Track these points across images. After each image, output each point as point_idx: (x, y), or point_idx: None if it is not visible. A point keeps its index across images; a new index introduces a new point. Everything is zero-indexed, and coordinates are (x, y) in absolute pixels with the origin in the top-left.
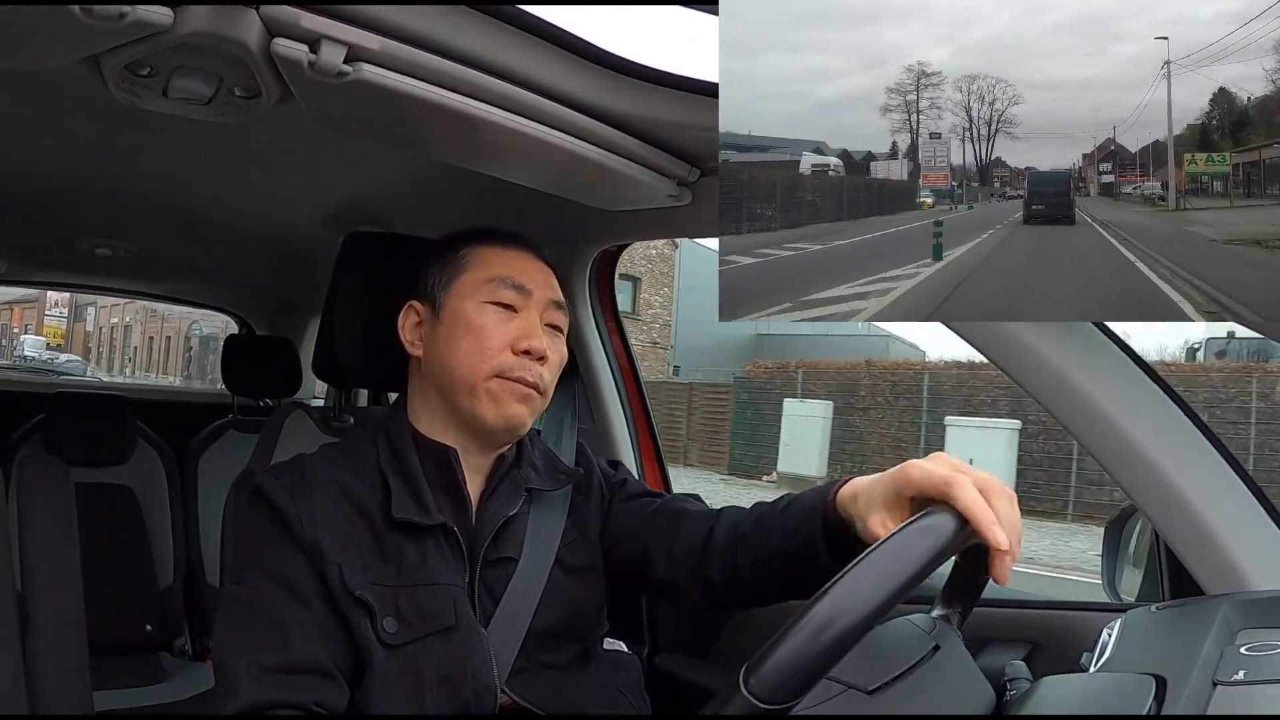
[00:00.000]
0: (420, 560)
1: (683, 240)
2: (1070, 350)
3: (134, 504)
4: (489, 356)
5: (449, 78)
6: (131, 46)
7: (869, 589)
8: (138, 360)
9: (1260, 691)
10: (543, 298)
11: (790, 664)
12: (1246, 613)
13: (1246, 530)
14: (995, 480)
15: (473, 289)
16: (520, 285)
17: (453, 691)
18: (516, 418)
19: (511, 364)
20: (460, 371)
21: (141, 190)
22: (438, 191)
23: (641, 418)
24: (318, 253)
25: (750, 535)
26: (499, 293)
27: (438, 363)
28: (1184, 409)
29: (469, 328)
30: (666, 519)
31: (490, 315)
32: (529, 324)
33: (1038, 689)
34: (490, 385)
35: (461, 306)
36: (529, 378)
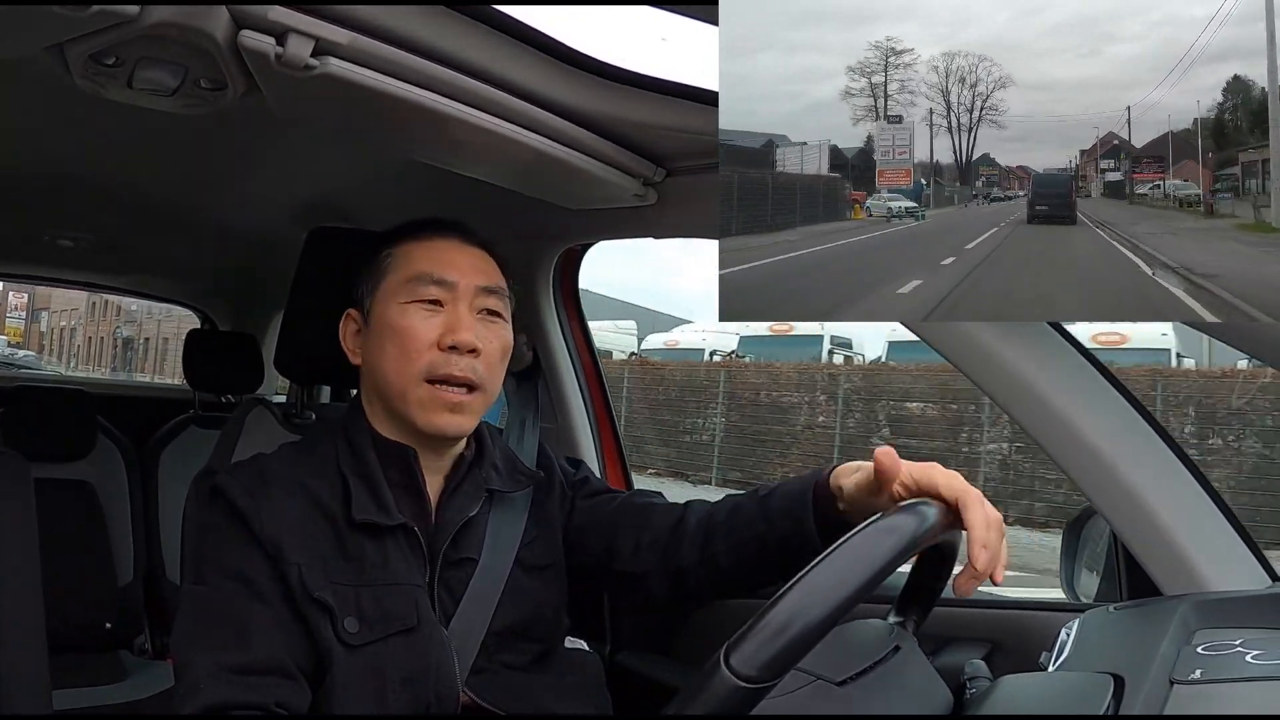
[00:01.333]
0: (381, 560)
1: None
2: (1028, 352)
3: (94, 500)
4: (416, 358)
5: (417, 74)
6: (97, 36)
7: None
8: (80, 355)
9: (1217, 690)
10: (470, 286)
11: (774, 639)
12: (1203, 613)
13: (1203, 532)
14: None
15: (394, 291)
16: (442, 279)
17: (415, 692)
18: (448, 428)
19: (438, 362)
20: (391, 379)
21: (105, 182)
22: (403, 187)
23: (604, 416)
24: (282, 248)
25: (727, 523)
26: (420, 290)
27: (373, 371)
28: (1141, 411)
29: (393, 332)
30: (633, 512)
31: (414, 316)
32: (454, 318)
33: (997, 688)
34: (419, 393)
35: (386, 312)
36: (458, 374)
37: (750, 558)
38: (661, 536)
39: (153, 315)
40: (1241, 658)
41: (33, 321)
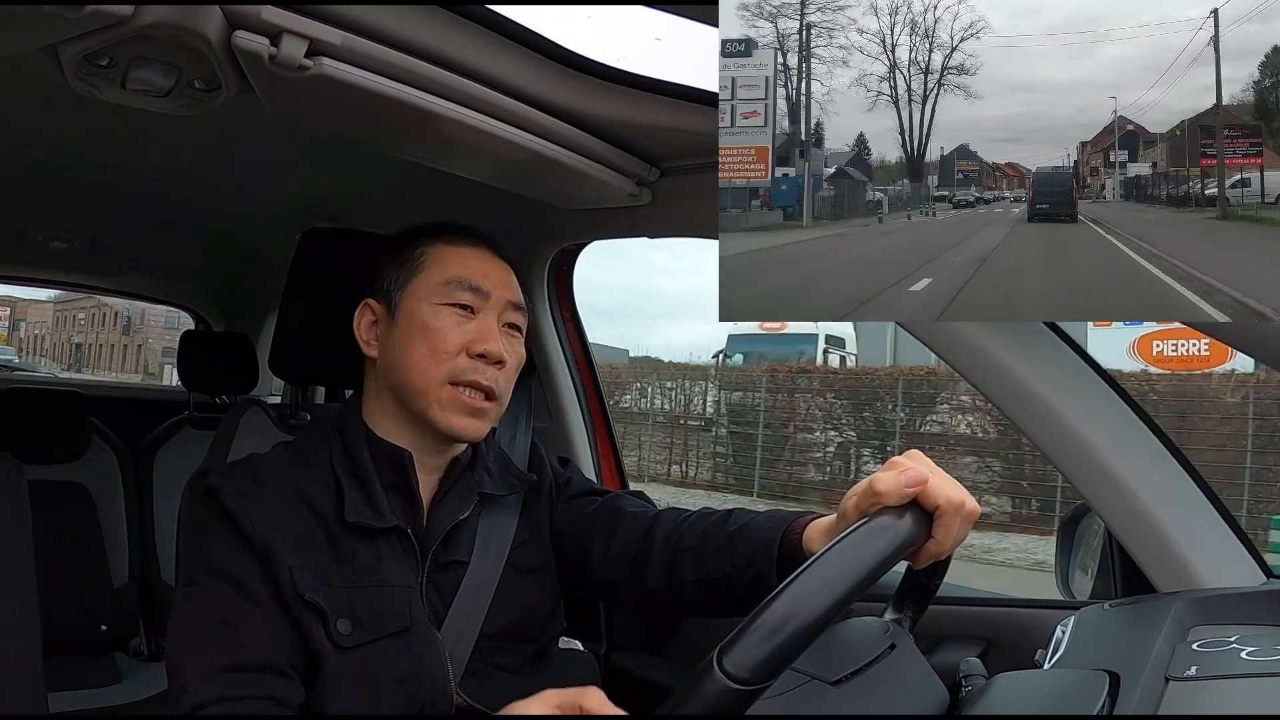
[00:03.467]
0: (374, 561)
1: None
2: (1024, 352)
3: (88, 502)
4: (443, 360)
5: (411, 74)
6: (90, 36)
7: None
8: (49, 354)
9: (1212, 687)
10: (501, 298)
11: (766, 641)
12: (1198, 610)
13: (1197, 529)
14: (957, 497)
15: (429, 290)
16: (478, 287)
17: (408, 694)
18: (466, 431)
19: (465, 368)
20: (414, 376)
21: (98, 183)
22: (397, 188)
23: (599, 416)
24: (275, 248)
25: (695, 553)
26: (456, 294)
27: (393, 365)
28: (1136, 410)
29: (424, 330)
30: (604, 518)
31: (446, 318)
32: (486, 327)
33: (993, 685)
34: (443, 393)
35: (417, 309)
36: (483, 381)
37: (719, 595)
38: (630, 548)
39: (93, 328)
40: (1236, 654)
41: (14, 330)
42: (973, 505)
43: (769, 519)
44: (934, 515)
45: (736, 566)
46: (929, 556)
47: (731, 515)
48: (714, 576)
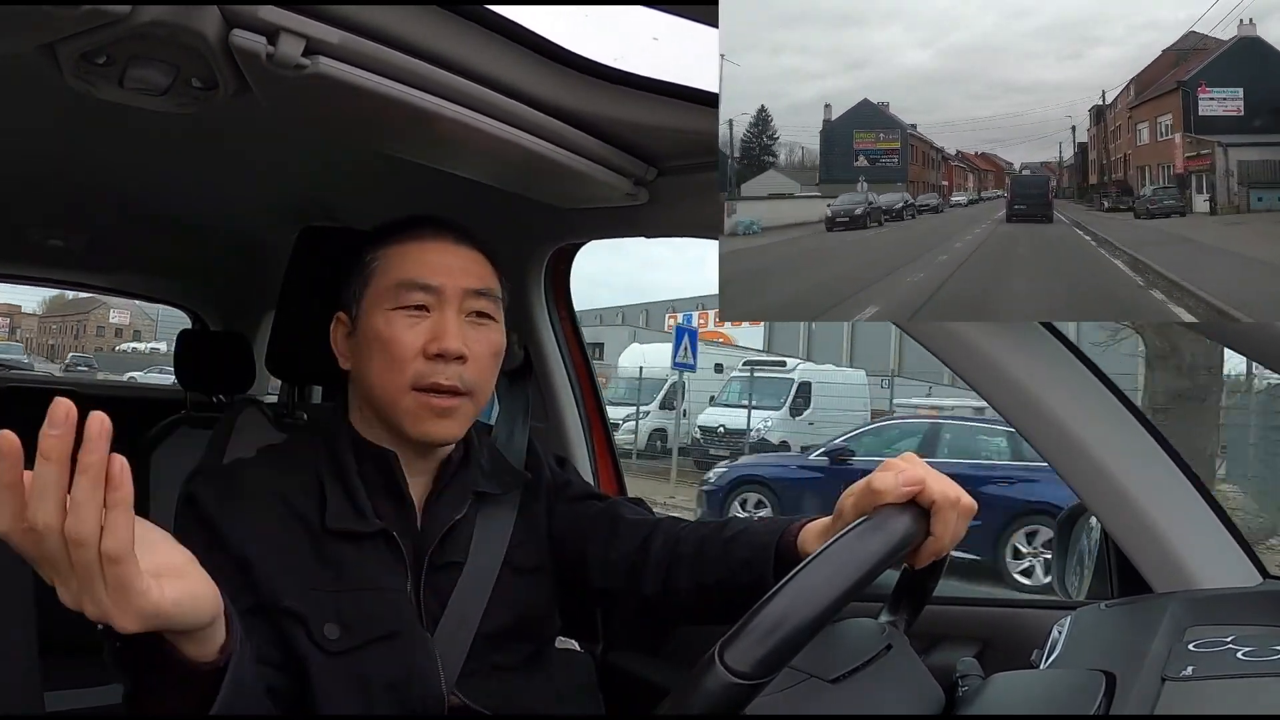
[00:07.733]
0: (361, 565)
1: None
2: (1020, 351)
3: None
4: (402, 368)
5: (409, 73)
6: (88, 35)
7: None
8: (34, 352)
9: (1208, 687)
10: (457, 289)
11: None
12: (1194, 610)
13: (1193, 529)
14: (953, 493)
15: (381, 297)
16: (427, 284)
17: (399, 698)
18: (437, 435)
19: (425, 371)
20: (378, 389)
21: (95, 182)
22: (395, 187)
23: (596, 416)
24: (273, 247)
25: (692, 559)
26: (406, 297)
27: (360, 378)
28: (1132, 410)
29: (379, 341)
30: (604, 524)
31: (399, 323)
32: (440, 324)
33: (989, 685)
34: (407, 402)
35: (372, 320)
36: (444, 382)
37: (716, 601)
38: (628, 557)
39: (63, 331)
40: (1233, 654)
41: (12, 335)
42: (969, 501)
43: (765, 525)
44: (931, 511)
45: (733, 571)
46: (928, 554)
47: (729, 523)
48: (711, 582)
